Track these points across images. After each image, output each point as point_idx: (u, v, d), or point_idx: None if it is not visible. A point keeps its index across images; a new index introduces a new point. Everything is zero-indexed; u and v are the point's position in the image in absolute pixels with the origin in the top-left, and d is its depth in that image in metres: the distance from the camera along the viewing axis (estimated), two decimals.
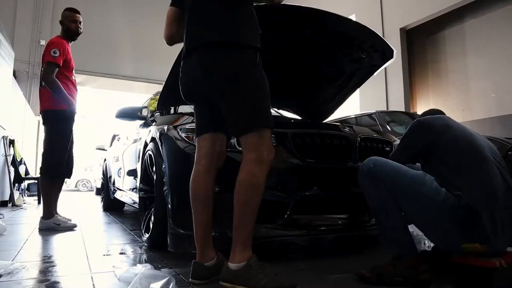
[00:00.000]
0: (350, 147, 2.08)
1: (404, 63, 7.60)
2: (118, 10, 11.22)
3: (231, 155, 1.85)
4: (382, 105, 7.72)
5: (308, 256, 2.28)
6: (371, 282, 1.45)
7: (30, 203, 5.87)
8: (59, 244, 2.52)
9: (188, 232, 1.79)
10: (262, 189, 1.40)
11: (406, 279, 1.40)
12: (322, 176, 1.98)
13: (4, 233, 2.67)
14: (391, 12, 7.84)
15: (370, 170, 1.52)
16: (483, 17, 6.55)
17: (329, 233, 2.31)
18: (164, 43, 1.71)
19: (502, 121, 6.00)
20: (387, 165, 1.51)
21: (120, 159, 3.80)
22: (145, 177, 2.47)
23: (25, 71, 9.80)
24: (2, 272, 1.57)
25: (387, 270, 1.44)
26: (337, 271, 1.66)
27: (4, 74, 5.47)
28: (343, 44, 2.34)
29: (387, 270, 1.44)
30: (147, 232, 2.22)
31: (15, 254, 2.03)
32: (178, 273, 1.62)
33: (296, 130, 2.07)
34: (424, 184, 1.41)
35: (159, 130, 2.17)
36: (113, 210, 4.54)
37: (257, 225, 1.78)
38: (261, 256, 1.40)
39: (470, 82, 6.83)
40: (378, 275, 1.45)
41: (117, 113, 3.12)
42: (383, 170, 1.49)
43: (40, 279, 1.55)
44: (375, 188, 1.50)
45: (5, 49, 5.47)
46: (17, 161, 5.76)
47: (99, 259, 1.96)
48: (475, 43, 6.72)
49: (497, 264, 1.28)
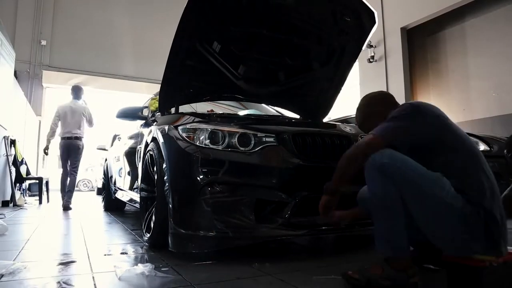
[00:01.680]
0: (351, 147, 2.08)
1: (404, 63, 7.60)
2: (119, 10, 11.22)
3: (231, 155, 1.86)
4: None
5: (306, 256, 2.29)
6: (359, 286, 1.39)
7: (31, 203, 5.88)
8: (61, 244, 2.53)
9: (189, 232, 1.80)
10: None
11: (395, 283, 1.35)
12: (323, 176, 1.97)
13: (5, 233, 2.68)
14: (391, 12, 7.85)
15: (383, 165, 1.35)
16: (484, 16, 6.54)
17: (330, 233, 2.31)
18: (165, 43, 1.71)
19: (502, 120, 5.99)
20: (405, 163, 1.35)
21: (121, 159, 3.81)
22: (146, 177, 2.47)
23: (26, 71, 9.80)
24: (3, 272, 1.57)
25: (375, 273, 1.38)
26: (331, 272, 1.63)
27: (5, 74, 5.47)
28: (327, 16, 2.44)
29: (375, 273, 1.38)
30: (148, 232, 2.22)
31: (17, 254, 2.03)
32: (179, 273, 1.62)
33: (297, 129, 2.07)
34: (442, 188, 1.30)
35: (160, 130, 2.17)
36: (114, 210, 4.54)
37: (258, 225, 1.79)
38: (261, 256, 1.41)
39: (470, 81, 6.82)
40: (366, 279, 1.38)
41: (117, 113, 3.13)
42: (399, 169, 1.34)
43: (42, 279, 1.55)
44: (383, 186, 1.36)
45: (6, 49, 5.48)
46: (18, 161, 5.77)
47: (101, 259, 1.97)
48: (476, 42, 6.71)
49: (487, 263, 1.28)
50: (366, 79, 8.43)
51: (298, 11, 2.39)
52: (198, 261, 1.82)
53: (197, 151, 1.87)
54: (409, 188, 1.34)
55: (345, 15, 2.43)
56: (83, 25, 10.76)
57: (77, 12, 10.79)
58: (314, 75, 2.89)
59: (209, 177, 1.81)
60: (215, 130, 1.93)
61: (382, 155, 1.37)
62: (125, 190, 3.55)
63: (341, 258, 2.02)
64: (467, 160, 1.36)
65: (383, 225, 1.41)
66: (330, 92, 3.03)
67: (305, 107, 3.26)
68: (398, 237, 1.38)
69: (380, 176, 1.36)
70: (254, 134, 1.94)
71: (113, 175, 4.34)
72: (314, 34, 2.58)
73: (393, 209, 1.37)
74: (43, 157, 9.81)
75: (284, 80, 2.88)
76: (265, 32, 2.46)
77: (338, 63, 2.80)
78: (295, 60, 2.75)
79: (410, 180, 1.33)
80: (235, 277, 1.56)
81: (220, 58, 2.56)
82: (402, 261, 1.38)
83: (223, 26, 2.39)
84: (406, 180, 1.33)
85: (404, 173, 1.33)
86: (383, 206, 1.38)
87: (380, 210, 1.40)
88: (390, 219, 1.38)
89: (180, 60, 2.38)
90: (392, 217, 1.38)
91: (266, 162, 1.88)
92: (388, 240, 1.40)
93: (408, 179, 1.33)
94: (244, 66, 2.69)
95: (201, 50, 2.44)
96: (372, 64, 8.13)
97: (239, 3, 2.26)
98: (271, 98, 3.16)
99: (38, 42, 10.12)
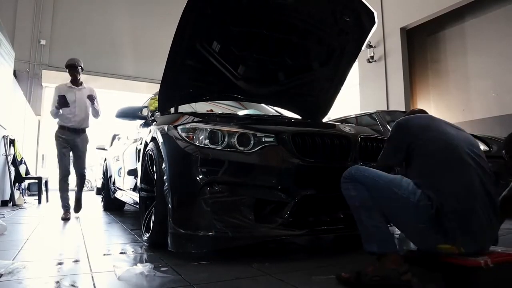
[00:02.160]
0: (350, 147, 2.08)
1: (404, 63, 7.61)
2: (119, 10, 11.22)
3: (230, 155, 1.86)
4: (383, 105, 7.72)
5: (306, 256, 2.29)
6: (350, 282, 1.45)
7: (31, 203, 5.87)
8: (60, 243, 2.53)
9: (189, 231, 1.80)
10: None
11: (387, 280, 1.38)
12: (322, 176, 1.98)
13: (4, 233, 2.67)
14: (391, 12, 7.85)
15: (352, 175, 1.57)
16: (484, 16, 6.55)
17: (329, 233, 2.31)
18: (165, 42, 1.71)
19: (502, 120, 6.00)
20: (367, 170, 1.56)
21: (121, 159, 3.80)
22: (146, 176, 2.47)
23: (26, 71, 9.79)
24: (2, 272, 1.57)
25: (367, 270, 1.44)
26: (330, 272, 1.62)
27: (4, 73, 5.47)
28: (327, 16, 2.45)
29: (367, 270, 1.44)
30: (148, 232, 2.22)
31: (16, 253, 2.03)
32: (178, 273, 1.62)
33: (296, 129, 2.07)
34: (400, 186, 1.46)
35: (160, 130, 2.17)
36: (114, 209, 4.54)
37: (257, 225, 1.79)
38: (261, 256, 1.41)
39: (470, 81, 6.83)
40: (357, 275, 1.44)
41: (117, 113, 3.13)
42: (363, 174, 1.55)
43: (41, 278, 1.55)
44: (356, 189, 1.54)
45: (6, 49, 5.47)
46: (17, 161, 5.76)
47: (100, 259, 1.96)
48: (476, 42, 6.72)
49: (482, 263, 1.29)
50: (366, 79, 8.44)
51: (298, 11, 2.39)
52: (198, 261, 1.82)
53: (196, 151, 1.87)
54: (374, 190, 1.50)
55: (344, 15, 2.44)
56: (82, 24, 10.76)
57: (77, 12, 10.79)
58: (314, 75, 2.90)
59: (208, 177, 1.81)
60: (214, 130, 1.93)
61: (350, 169, 1.60)
62: (125, 190, 3.54)
63: (340, 258, 2.02)
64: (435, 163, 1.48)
65: (365, 224, 1.51)
66: (329, 92, 3.04)
67: (304, 107, 3.26)
68: (381, 233, 1.49)
69: (351, 183, 1.56)
70: (254, 134, 1.93)
71: (113, 175, 4.34)
72: (314, 34, 2.59)
73: (371, 209, 1.50)
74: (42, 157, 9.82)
75: (283, 80, 2.88)
76: (265, 32, 2.47)
77: (338, 63, 2.81)
78: (295, 60, 2.75)
79: (373, 183, 1.51)
80: (234, 277, 1.56)
81: (220, 58, 2.56)
82: (392, 258, 1.43)
83: (222, 26, 2.39)
84: (371, 183, 1.51)
85: (370, 178, 1.52)
86: (362, 207, 1.52)
87: (362, 211, 1.52)
88: (373, 217, 1.50)
89: (179, 60, 2.38)
90: (373, 215, 1.50)
91: (266, 162, 1.87)
92: (372, 237, 1.50)
93: (374, 182, 1.51)
94: (243, 66, 2.69)
95: (200, 50, 2.44)
96: (372, 64, 8.13)
97: (239, 3, 2.26)
98: (271, 98, 3.16)
99: (37, 42, 10.12)
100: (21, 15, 10.08)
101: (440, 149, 1.49)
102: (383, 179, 1.51)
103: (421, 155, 1.52)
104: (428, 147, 1.52)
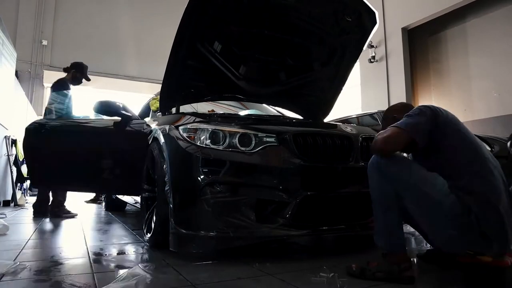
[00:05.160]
0: (352, 147, 2.08)
1: (405, 63, 7.60)
2: (122, 10, 11.22)
3: (232, 155, 1.86)
4: (384, 105, 7.69)
5: (308, 256, 2.28)
6: (354, 275, 1.50)
7: (32, 203, 5.88)
8: (61, 243, 2.53)
9: (190, 232, 1.80)
10: None
11: (388, 275, 1.43)
12: (324, 176, 1.98)
13: (6, 233, 2.68)
14: (392, 12, 7.84)
15: (380, 165, 1.48)
16: (485, 16, 6.53)
17: (331, 233, 2.31)
18: (167, 43, 1.71)
19: (504, 120, 5.98)
20: (399, 162, 1.46)
21: None
22: (147, 176, 2.47)
23: (27, 71, 9.80)
24: (4, 272, 1.57)
25: (371, 266, 1.48)
26: (332, 273, 1.62)
27: (6, 74, 5.48)
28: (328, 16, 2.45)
29: (371, 266, 1.48)
30: (149, 232, 2.22)
31: (17, 253, 2.03)
32: (180, 273, 1.62)
33: (298, 129, 2.07)
34: (434, 186, 1.37)
35: (161, 130, 2.17)
36: (115, 209, 4.54)
37: (259, 225, 1.79)
38: (262, 256, 1.40)
39: (472, 81, 6.81)
40: (361, 270, 1.49)
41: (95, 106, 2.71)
42: (392, 165, 1.44)
43: (42, 278, 1.55)
44: (379, 182, 1.47)
45: (7, 49, 5.48)
46: (19, 161, 5.77)
47: (101, 259, 1.96)
48: (477, 42, 6.69)
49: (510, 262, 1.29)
50: (367, 79, 8.42)
51: (299, 11, 2.39)
52: (199, 261, 1.82)
53: (198, 151, 1.87)
54: (401, 185, 1.42)
55: (346, 15, 2.44)
56: (84, 25, 10.77)
57: (79, 12, 10.79)
58: (315, 75, 2.89)
59: (210, 177, 1.81)
60: (216, 130, 1.93)
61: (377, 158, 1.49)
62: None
63: (342, 259, 2.01)
64: (467, 162, 1.41)
65: (381, 220, 1.50)
66: (331, 92, 3.03)
67: (306, 107, 3.26)
68: (394, 234, 1.47)
69: (378, 175, 1.48)
70: (255, 134, 1.93)
71: None
72: (315, 34, 2.59)
73: (389, 207, 1.47)
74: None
75: (285, 80, 2.88)
76: (266, 32, 2.47)
77: (339, 63, 2.81)
78: (296, 60, 2.75)
79: (403, 181, 1.42)
80: (236, 277, 1.56)
81: (221, 58, 2.56)
82: (397, 257, 1.45)
83: (224, 26, 2.39)
84: (398, 178, 1.42)
85: (400, 174, 1.43)
86: (380, 203, 1.48)
87: (378, 206, 1.50)
88: (387, 216, 1.48)
89: (181, 60, 2.38)
90: (389, 215, 1.48)
91: (267, 162, 1.87)
92: (386, 236, 1.49)
93: (402, 180, 1.42)
94: (245, 66, 2.69)
95: (202, 50, 2.44)
96: (373, 64, 8.12)
97: (240, 3, 2.26)
98: (272, 98, 3.16)
99: (39, 42, 10.12)
100: (23, 16, 10.10)
101: (469, 149, 1.43)
102: (414, 176, 1.40)
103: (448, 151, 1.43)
104: (455, 142, 1.43)
